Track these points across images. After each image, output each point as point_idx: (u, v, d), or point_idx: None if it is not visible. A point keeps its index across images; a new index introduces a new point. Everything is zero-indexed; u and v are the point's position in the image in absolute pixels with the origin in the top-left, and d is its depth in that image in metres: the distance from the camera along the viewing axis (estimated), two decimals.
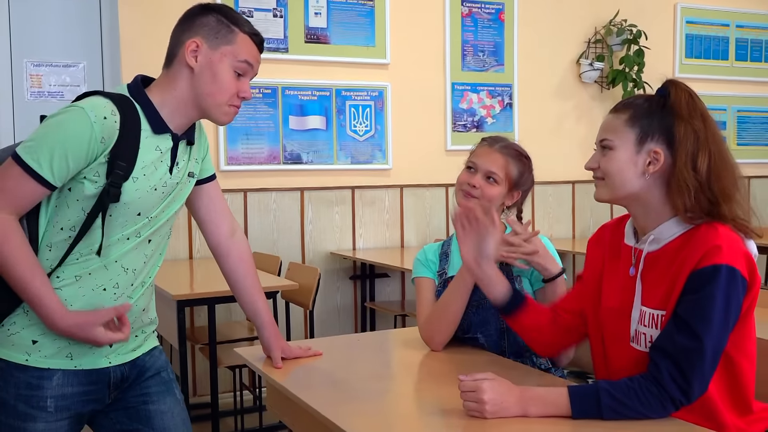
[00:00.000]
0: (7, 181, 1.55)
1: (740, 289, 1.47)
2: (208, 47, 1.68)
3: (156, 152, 1.68)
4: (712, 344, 1.44)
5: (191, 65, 1.67)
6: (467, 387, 1.52)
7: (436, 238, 4.92)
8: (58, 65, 4.27)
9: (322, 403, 1.65)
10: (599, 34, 5.38)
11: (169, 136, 1.70)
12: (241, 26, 1.71)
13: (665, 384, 1.46)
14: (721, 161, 1.56)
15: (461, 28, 5.01)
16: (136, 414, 1.78)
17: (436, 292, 2.17)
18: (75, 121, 1.57)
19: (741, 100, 5.91)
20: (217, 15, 1.70)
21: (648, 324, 1.56)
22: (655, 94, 1.64)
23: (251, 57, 1.71)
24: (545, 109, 5.28)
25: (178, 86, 1.69)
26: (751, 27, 5.95)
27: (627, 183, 1.59)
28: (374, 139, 4.79)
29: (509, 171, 2.13)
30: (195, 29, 1.69)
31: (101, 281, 1.67)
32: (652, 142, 1.57)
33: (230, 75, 1.69)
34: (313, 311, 3.58)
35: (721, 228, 1.51)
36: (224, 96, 1.70)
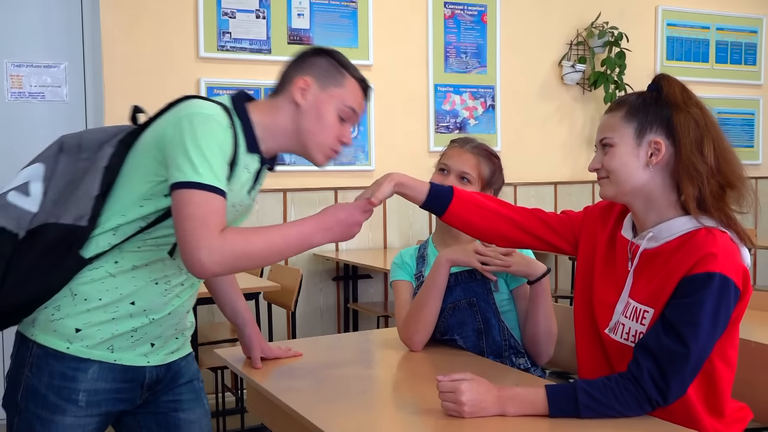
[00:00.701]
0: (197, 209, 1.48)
1: (731, 298, 1.47)
2: (318, 87, 1.69)
3: (245, 170, 1.66)
4: (697, 350, 1.45)
5: (298, 102, 1.68)
6: (446, 388, 1.53)
7: (419, 239, 4.93)
8: (39, 66, 4.24)
9: (302, 404, 1.65)
10: (581, 36, 5.41)
11: (258, 157, 1.68)
12: (351, 71, 1.72)
13: (644, 383, 1.47)
14: (724, 146, 1.58)
15: (444, 29, 5.03)
16: (165, 421, 1.76)
17: (414, 294, 2.18)
18: (219, 128, 1.55)
19: (721, 102, 5.96)
20: (330, 58, 1.72)
21: (630, 317, 1.57)
22: (647, 90, 1.65)
23: (357, 104, 1.73)
24: (528, 111, 5.30)
25: (280, 116, 1.69)
26: (731, 30, 6.01)
27: (632, 177, 1.59)
28: (357, 140, 4.79)
29: (481, 171, 2.15)
30: (306, 68, 1.70)
31: (155, 275, 1.64)
32: (651, 133, 1.58)
33: (335, 118, 1.69)
34: (296, 312, 3.58)
35: (719, 236, 1.51)
36: (326, 137, 1.70)
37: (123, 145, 1.62)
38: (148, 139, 1.60)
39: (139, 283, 1.63)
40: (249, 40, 4.48)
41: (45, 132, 4.06)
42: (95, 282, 1.60)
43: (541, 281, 2.04)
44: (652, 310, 1.54)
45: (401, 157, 4.89)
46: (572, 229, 1.84)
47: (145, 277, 1.63)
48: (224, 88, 4.39)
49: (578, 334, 1.76)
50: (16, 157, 2.66)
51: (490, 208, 1.84)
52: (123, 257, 1.61)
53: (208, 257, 1.46)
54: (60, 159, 1.64)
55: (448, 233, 2.20)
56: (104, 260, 1.60)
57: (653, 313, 1.54)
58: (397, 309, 2.18)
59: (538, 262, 2.05)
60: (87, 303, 1.59)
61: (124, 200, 1.59)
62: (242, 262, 1.53)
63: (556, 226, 1.85)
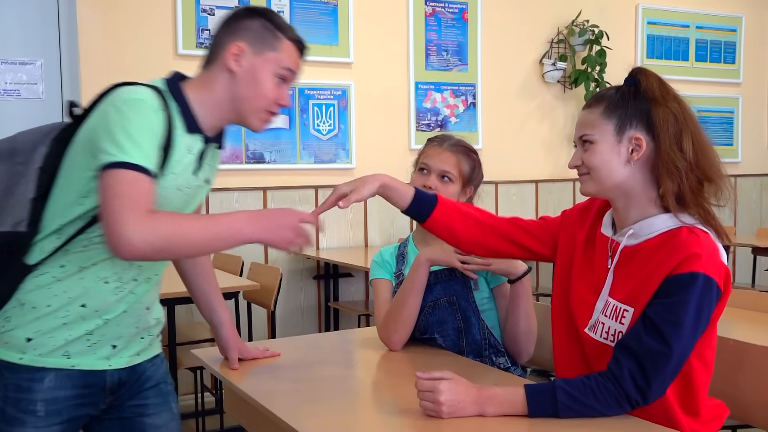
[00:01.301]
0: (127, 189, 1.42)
1: (713, 298, 1.47)
2: (252, 52, 1.61)
3: (186, 152, 1.61)
4: (679, 350, 1.45)
5: (233, 69, 1.61)
6: (424, 387, 1.51)
7: (400, 237, 4.92)
8: (14, 63, 4.18)
9: (280, 406, 1.63)
10: (562, 34, 5.42)
11: (200, 137, 1.63)
12: (286, 32, 1.65)
13: (623, 382, 1.46)
14: (702, 140, 1.57)
15: (425, 27, 5.01)
16: (130, 426, 1.71)
17: (393, 293, 2.16)
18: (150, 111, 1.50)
19: (701, 101, 5.99)
20: (263, 20, 1.64)
21: (610, 315, 1.56)
22: (624, 83, 1.63)
23: (294, 64, 1.66)
24: (509, 109, 5.30)
25: (216, 88, 1.63)
26: (711, 28, 6.04)
27: (613, 173, 1.58)
28: (338, 138, 4.77)
29: (461, 168, 2.14)
30: (239, 33, 1.63)
31: (104, 273, 1.59)
32: (631, 129, 1.57)
33: (272, 81, 1.63)
34: (275, 312, 3.55)
35: (702, 236, 1.50)
36: (264, 102, 1.63)
37: (57, 143, 1.57)
38: (82, 133, 1.54)
39: (87, 284, 1.58)
40: None
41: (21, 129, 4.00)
42: (42, 289, 1.56)
43: (522, 280, 2.03)
44: (632, 309, 1.53)
45: (382, 154, 4.88)
46: (551, 233, 1.83)
47: (93, 276, 1.58)
48: None
49: (555, 333, 1.75)
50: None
51: (471, 216, 1.84)
52: (69, 260, 1.57)
53: (137, 235, 1.38)
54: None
55: (429, 232, 2.18)
56: (50, 265, 1.56)
57: (633, 313, 1.52)
58: (377, 308, 2.17)
59: (518, 262, 2.04)
60: (36, 311, 1.56)
61: (63, 200, 1.55)
62: (171, 244, 1.45)
63: (535, 232, 1.84)
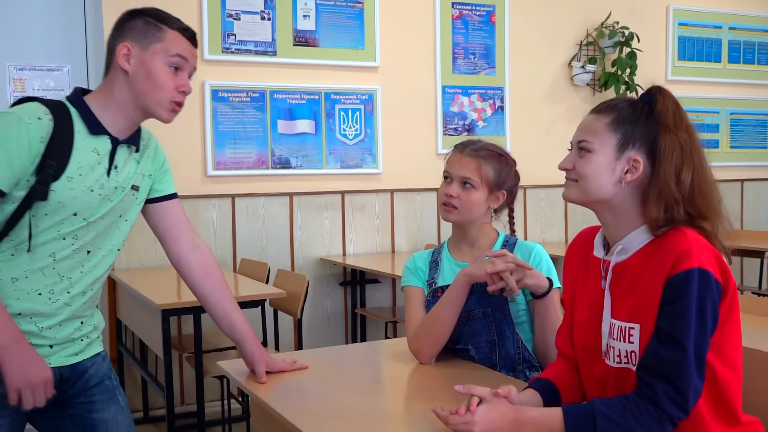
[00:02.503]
0: None
1: (714, 291, 1.40)
2: (139, 48, 1.72)
3: (93, 153, 1.71)
4: (695, 350, 1.39)
5: (125, 69, 1.71)
6: (457, 421, 1.44)
7: (427, 243, 4.87)
8: (42, 69, 4.20)
9: (307, 421, 1.59)
10: (591, 36, 5.34)
11: (107, 138, 1.73)
12: (169, 23, 1.75)
13: (663, 404, 1.39)
14: (704, 176, 1.50)
15: (452, 30, 4.96)
16: (81, 422, 1.82)
17: (426, 302, 2.11)
18: (11, 127, 1.61)
19: (734, 103, 5.88)
20: (145, 17, 1.75)
21: (617, 337, 1.50)
22: (640, 99, 1.56)
23: (183, 50, 1.74)
24: (537, 113, 5.23)
25: (116, 90, 1.73)
26: (744, 29, 5.92)
27: (602, 189, 1.52)
28: (364, 143, 4.73)
29: (484, 173, 2.06)
30: (125, 34, 1.74)
31: (37, 285, 1.70)
32: (633, 149, 1.50)
33: (165, 71, 1.72)
34: (302, 319, 3.52)
35: (688, 231, 1.45)
36: (163, 92, 1.72)
37: None
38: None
39: (21, 295, 1.69)
40: (254, 42, 4.42)
41: None
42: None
43: (547, 296, 1.96)
44: (637, 325, 1.47)
45: (408, 159, 4.84)
46: None
47: (26, 288, 1.69)
48: (229, 90, 4.33)
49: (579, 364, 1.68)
50: None
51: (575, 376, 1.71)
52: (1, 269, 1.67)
53: None
54: None
55: (463, 239, 2.13)
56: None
57: (639, 329, 1.46)
58: (408, 316, 2.12)
59: (543, 277, 1.96)
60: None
61: None
62: None
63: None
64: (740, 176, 5.94)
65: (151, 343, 3.41)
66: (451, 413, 1.46)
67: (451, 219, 2.09)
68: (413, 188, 4.86)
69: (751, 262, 5.65)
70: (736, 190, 5.93)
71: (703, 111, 5.75)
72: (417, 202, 4.89)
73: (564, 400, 1.64)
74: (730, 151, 5.91)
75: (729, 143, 5.91)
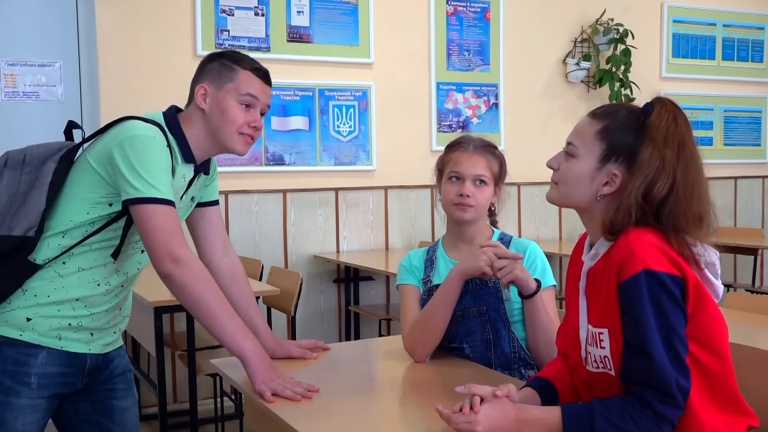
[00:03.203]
0: (164, 222, 1.72)
1: (669, 285, 1.37)
2: (214, 89, 1.87)
3: (181, 179, 1.88)
4: (665, 350, 1.36)
5: (203, 107, 1.88)
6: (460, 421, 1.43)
7: (421, 240, 4.85)
8: (33, 65, 4.16)
9: (301, 419, 1.57)
10: (586, 33, 5.33)
11: (192, 166, 1.91)
12: (242, 64, 1.89)
13: (656, 407, 1.38)
14: (686, 196, 1.44)
15: (446, 27, 4.94)
16: (101, 407, 1.95)
17: (421, 300, 2.10)
18: (159, 148, 1.77)
19: (728, 100, 5.88)
20: (221, 59, 1.90)
21: (592, 343, 1.49)
22: (641, 108, 1.53)
23: (254, 90, 1.88)
24: (531, 110, 5.22)
25: (195, 126, 1.89)
26: (738, 26, 5.92)
27: (579, 197, 1.52)
28: (358, 139, 4.71)
29: (492, 169, 2.10)
30: (203, 76, 1.90)
31: (98, 277, 1.84)
32: (615, 163, 1.48)
33: (237, 108, 1.86)
34: (296, 316, 3.50)
35: (632, 233, 1.42)
36: (234, 127, 1.87)
37: (65, 161, 1.82)
38: (92, 156, 1.80)
39: (83, 284, 1.82)
40: (248, 38, 4.40)
41: (40, 132, 3.97)
42: (44, 281, 1.79)
43: (535, 297, 1.94)
44: (605, 330, 1.45)
45: (403, 156, 4.82)
46: None
47: (89, 278, 1.82)
48: None
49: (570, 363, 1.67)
50: None
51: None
52: (71, 260, 1.80)
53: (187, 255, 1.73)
54: (4, 174, 1.81)
55: (459, 236, 2.12)
56: (54, 262, 1.79)
57: (608, 333, 1.45)
58: (403, 314, 2.11)
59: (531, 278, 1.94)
60: (37, 298, 1.78)
61: (71, 208, 1.79)
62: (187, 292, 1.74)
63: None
64: (733, 173, 5.94)
65: (144, 340, 3.39)
66: (453, 412, 1.45)
67: (468, 218, 2.07)
68: (407, 185, 4.85)
69: (745, 260, 5.65)
70: (730, 187, 5.94)
71: (696, 108, 5.75)
72: (411, 199, 4.87)
73: (562, 399, 1.63)
74: (724, 148, 5.91)
75: (722, 141, 5.91)
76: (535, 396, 1.62)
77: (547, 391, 1.63)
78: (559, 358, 1.72)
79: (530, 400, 1.59)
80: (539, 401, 1.60)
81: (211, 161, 2.03)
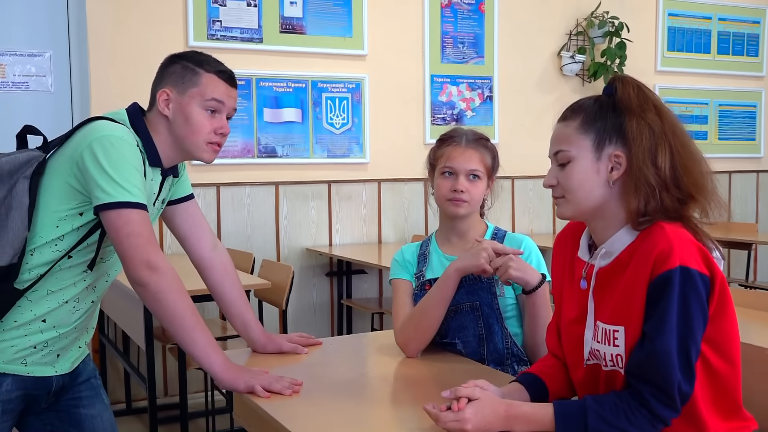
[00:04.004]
0: (139, 227, 1.64)
1: (700, 287, 1.34)
2: (177, 93, 1.77)
3: (150, 182, 1.79)
4: (678, 351, 1.34)
5: (165, 114, 1.78)
6: (448, 419, 1.40)
7: (414, 234, 4.83)
8: (22, 54, 4.12)
9: (290, 417, 1.54)
10: (581, 26, 5.30)
11: (159, 170, 1.81)
12: (205, 67, 1.79)
13: (651, 406, 1.36)
14: (686, 154, 1.43)
15: (441, 19, 4.91)
16: (67, 417, 1.87)
17: (413, 295, 2.07)
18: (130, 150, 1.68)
19: (723, 94, 5.86)
20: (183, 61, 1.80)
21: (602, 340, 1.46)
22: (603, 93, 1.50)
23: (219, 94, 1.79)
24: (526, 103, 5.19)
25: (160, 132, 1.80)
26: (734, 20, 5.90)
27: (591, 195, 1.46)
28: (351, 132, 4.68)
29: (486, 163, 2.06)
30: (165, 79, 1.80)
31: (67, 296, 1.75)
32: (610, 145, 1.44)
33: (202, 115, 1.77)
34: (288, 310, 3.47)
35: (668, 227, 1.39)
36: (200, 136, 1.78)
37: (36, 176, 1.69)
38: (59, 164, 1.70)
39: (51, 305, 1.73)
40: (240, 29, 4.35)
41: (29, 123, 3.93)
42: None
43: (538, 291, 1.92)
44: (621, 328, 1.42)
45: (396, 149, 4.79)
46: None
47: (57, 299, 1.74)
48: None
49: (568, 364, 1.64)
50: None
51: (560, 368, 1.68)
52: (40, 282, 1.70)
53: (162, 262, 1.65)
54: None
55: (452, 231, 2.09)
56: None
57: (624, 331, 1.42)
58: (395, 309, 2.08)
59: (535, 271, 1.92)
60: (2, 324, 1.70)
61: (40, 223, 1.69)
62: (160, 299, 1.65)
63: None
64: (728, 168, 5.92)
65: (133, 334, 3.35)
66: (441, 410, 1.42)
67: (462, 213, 2.04)
68: (401, 178, 4.82)
69: (739, 254, 5.65)
70: (724, 182, 5.92)
71: (691, 102, 5.73)
72: (404, 192, 4.84)
73: (552, 395, 1.60)
74: (718, 143, 5.89)
75: (717, 135, 5.89)
76: (523, 390, 1.59)
77: (535, 387, 1.60)
78: (549, 356, 1.69)
79: (517, 396, 1.56)
80: (527, 396, 1.58)
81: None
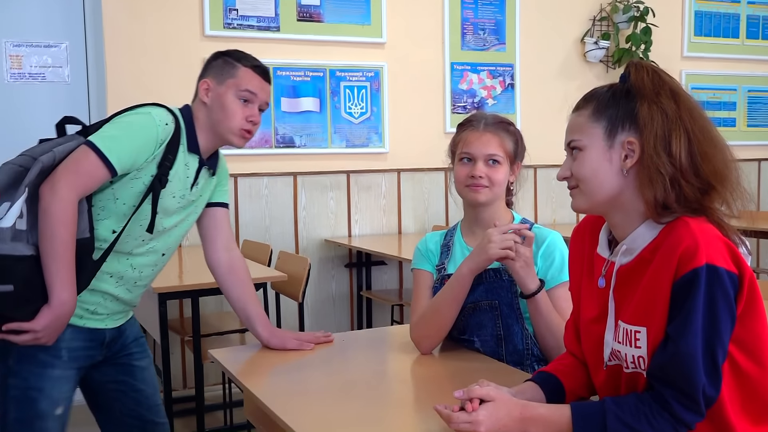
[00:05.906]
0: (84, 165, 1.81)
1: (727, 285, 1.27)
2: (216, 84, 2.01)
3: (184, 167, 1.99)
4: (703, 353, 1.27)
5: (205, 101, 2.02)
6: (461, 420, 1.34)
7: (434, 224, 4.76)
8: (39, 45, 4.09)
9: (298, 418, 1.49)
10: (605, 11, 5.19)
11: (197, 157, 2.02)
12: (243, 62, 2.02)
13: (675, 410, 1.28)
14: (706, 141, 1.36)
15: (461, 5, 4.82)
16: (122, 368, 2.12)
17: (433, 287, 2.01)
18: (145, 124, 1.90)
19: (752, 80, 5.72)
20: (225, 57, 2.04)
21: (623, 341, 1.39)
22: (619, 80, 1.44)
23: (253, 86, 2.01)
24: (548, 90, 5.09)
25: (199, 118, 2.03)
26: (764, 3, 5.74)
27: (604, 184, 1.39)
28: (370, 121, 4.61)
29: (506, 147, 1.98)
30: (207, 72, 2.05)
31: (110, 269, 1.97)
32: (623, 132, 1.38)
33: (236, 103, 2.00)
34: (304, 302, 3.43)
35: (693, 223, 1.31)
36: (233, 121, 2.00)
37: None
38: None
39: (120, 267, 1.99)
40: (257, 18, 4.30)
41: (46, 114, 3.92)
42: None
43: (535, 297, 1.84)
44: (643, 329, 1.35)
45: (416, 138, 4.72)
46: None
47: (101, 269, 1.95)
48: None
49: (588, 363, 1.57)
50: (17, 141, 2.51)
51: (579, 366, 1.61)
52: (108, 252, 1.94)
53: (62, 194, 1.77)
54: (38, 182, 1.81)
55: (476, 222, 2.02)
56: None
57: (646, 332, 1.34)
58: (413, 302, 2.03)
59: (535, 278, 1.85)
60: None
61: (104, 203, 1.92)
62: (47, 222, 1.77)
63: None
64: (758, 156, 5.78)
65: (149, 326, 3.33)
66: (454, 411, 1.36)
67: (482, 199, 1.97)
68: (420, 168, 4.75)
69: None
70: (753, 169, 5.78)
71: (720, 89, 5.59)
72: (424, 182, 4.77)
73: (569, 394, 1.53)
74: (748, 129, 5.75)
75: (746, 122, 5.75)
76: (537, 389, 1.52)
77: (550, 385, 1.53)
78: (567, 354, 1.62)
79: (531, 395, 1.49)
80: (541, 395, 1.51)
81: (219, 163, 2.14)
